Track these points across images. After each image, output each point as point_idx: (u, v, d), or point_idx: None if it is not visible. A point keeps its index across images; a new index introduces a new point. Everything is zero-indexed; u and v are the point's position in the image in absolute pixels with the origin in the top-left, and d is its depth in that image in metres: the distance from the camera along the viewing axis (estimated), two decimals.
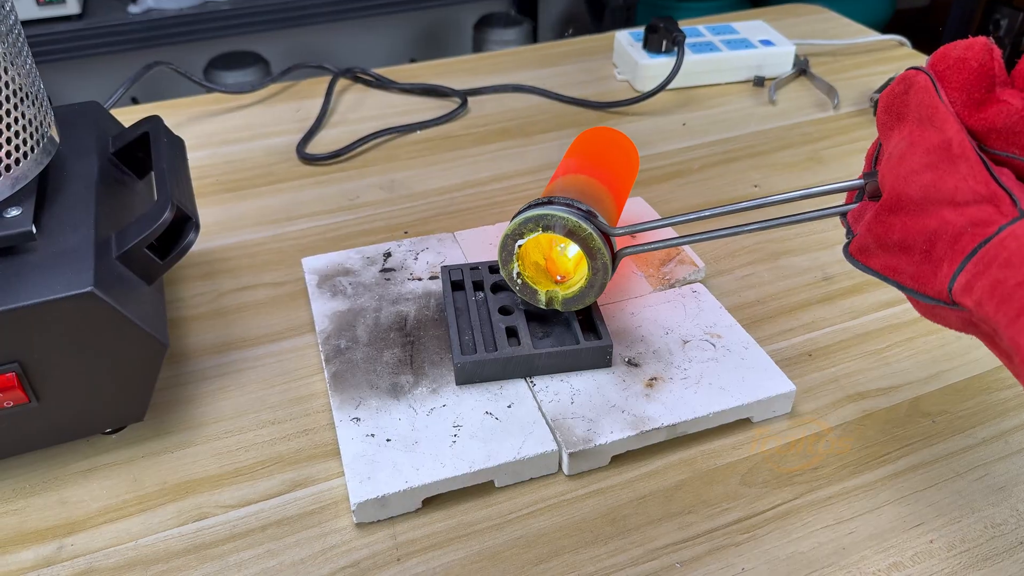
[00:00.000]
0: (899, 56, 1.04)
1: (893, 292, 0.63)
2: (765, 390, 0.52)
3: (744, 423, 0.52)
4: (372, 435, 0.49)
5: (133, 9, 1.64)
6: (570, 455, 0.48)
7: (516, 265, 0.53)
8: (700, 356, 0.54)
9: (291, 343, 0.59)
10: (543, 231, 0.51)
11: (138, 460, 0.50)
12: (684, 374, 0.53)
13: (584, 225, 0.50)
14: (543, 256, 0.56)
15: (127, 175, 0.59)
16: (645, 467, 0.50)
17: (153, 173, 0.55)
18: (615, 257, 0.52)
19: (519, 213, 0.52)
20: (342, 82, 0.97)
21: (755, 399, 0.51)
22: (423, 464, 0.47)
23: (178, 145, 0.60)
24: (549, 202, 0.51)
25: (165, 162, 0.55)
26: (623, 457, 0.50)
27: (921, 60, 1.03)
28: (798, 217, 0.47)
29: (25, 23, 1.58)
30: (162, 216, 0.50)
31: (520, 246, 0.52)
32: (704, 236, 0.50)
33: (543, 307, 0.54)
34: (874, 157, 0.44)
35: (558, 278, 0.55)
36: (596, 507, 0.47)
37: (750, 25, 1.02)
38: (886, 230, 0.39)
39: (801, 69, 0.97)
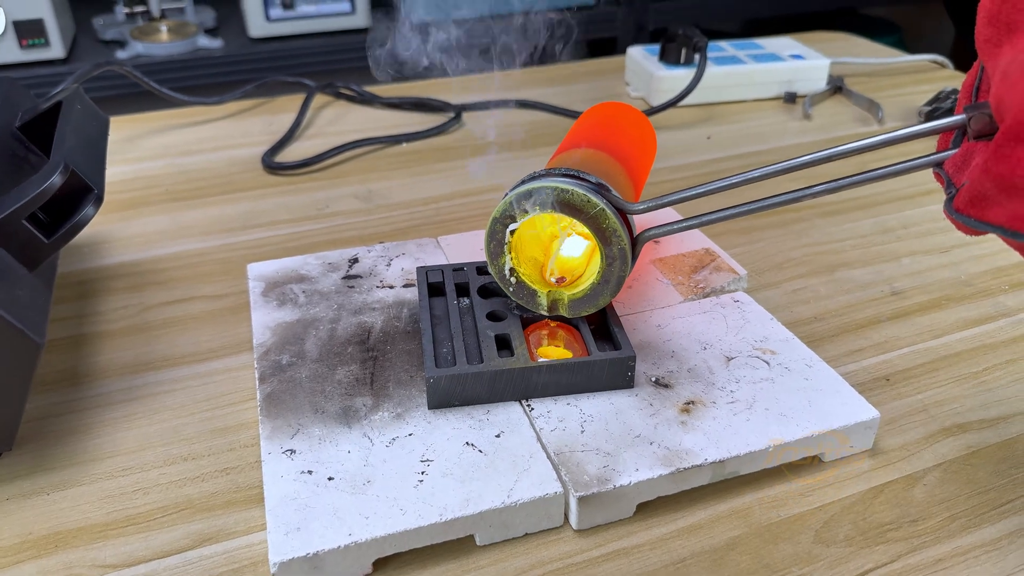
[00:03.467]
0: (940, 77, 0.93)
1: (981, 309, 0.50)
2: (839, 417, 0.39)
3: (812, 462, 0.39)
4: (309, 472, 0.36)
5: (121, 54, 1.57)
6: (580, 500, 0.35)
7: (509, 259, 0.41)
8: (751, 376, 0.41)
9: (223, 363, 0.46)
10: (540, 210, 0.39)
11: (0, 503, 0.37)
12: (731, 397, 0.40)
13: (594, 199, 0.38)
14: (543, 252, 0.44)
15: (33, 153, 0.48)
16: (684, 519, 0.36)
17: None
18: (635, 242, 0.40)
19: (511, 190, 0.40)
20: (323, 99, 0.87)
21: (827, 428, 0.38)
22: (376, 511, 0.34)
23: (96, 118, 0.49)
24: (548, 174, 0.40)
25: (69, 126, 0.44)
26: (653, 505, 0.37)
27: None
28: (877, 173, 0.36)
29: (7, 66, 1.51)
30: (49, 179, 0.38)
31: (513, 232, 0.40)
32: (753, 206, 0.39)
33: (544, 312, 0.42)
34: (974, 88, 0.33)
35: (555, 279, 0.43)
36: (617, 574, 0.34)
37: (777, 42, 0.92)
38: (1012, 167, 0.28)
39: (836, 87, 0.87)
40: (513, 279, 0.42)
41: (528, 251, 0.43)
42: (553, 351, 0.41)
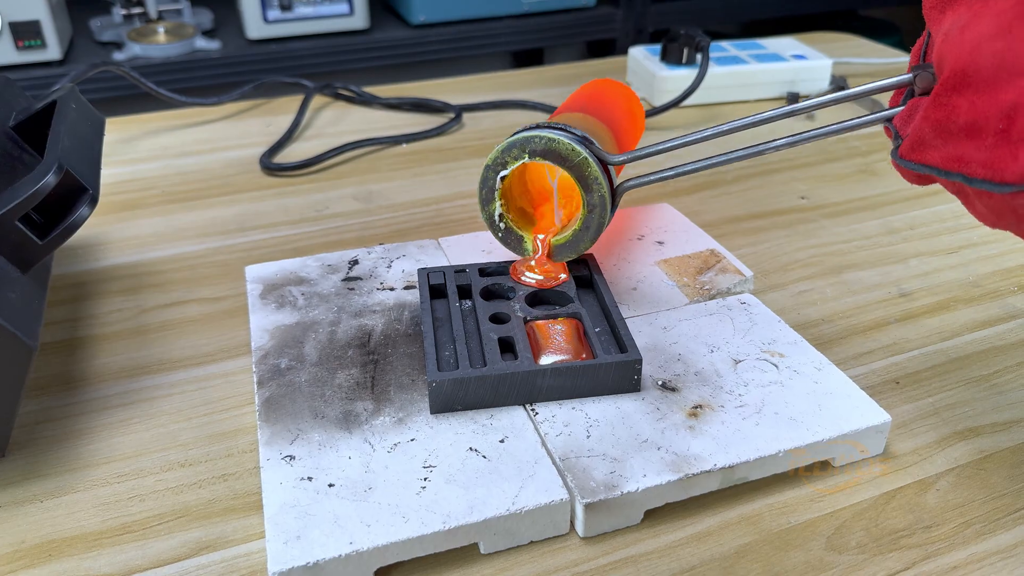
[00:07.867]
0: None
1: (990, 310, 0.50)
2: (850, 422, 0.38)
3: (823, 467, 0.38)
4: (309, 478, 0.35)
5: (118, 56, 1.56)
6: (587, 507, 0.34)
7: (499, 205, 0.45)
8: (759, 379, 0.41)
9: (221, 367, 0.45)
10: (529, 157, 0.43)
11: None
12: (739, 401, 0.39)
13: (579, 148, 0.42)
14: (531, 205, 0.48)
15: (27, 153, 0.47)
16: (692, 526, 0.36)
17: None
18: (615, 192, 0.44)
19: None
20: (322, 99, 0.86)
21: (838, 433, 0.37)
22: (378, 518, 0.33)
23: (92, 118, 0.48)
24: (538, 127, 0.44)
25: (64, 125, 0.43)
26: (661, 512, 0.36)
27: None
28: (834, 127, 0.40)
29: (3, 67, 1.50)
30: (43, 179, 0.37)
31: (503, 179, 0.44)
32: (721, 158, 0.43)
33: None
34: (922, 52, 0.36)
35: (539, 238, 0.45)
36: None
37: (779, 42, 0.92)
38: (948, 114, 0.31)
39: (838, 87, 0.86)
40: (502, 224, 0.45)
41: (517, 202, 0.46)
42: (557, 353, 0.40)
